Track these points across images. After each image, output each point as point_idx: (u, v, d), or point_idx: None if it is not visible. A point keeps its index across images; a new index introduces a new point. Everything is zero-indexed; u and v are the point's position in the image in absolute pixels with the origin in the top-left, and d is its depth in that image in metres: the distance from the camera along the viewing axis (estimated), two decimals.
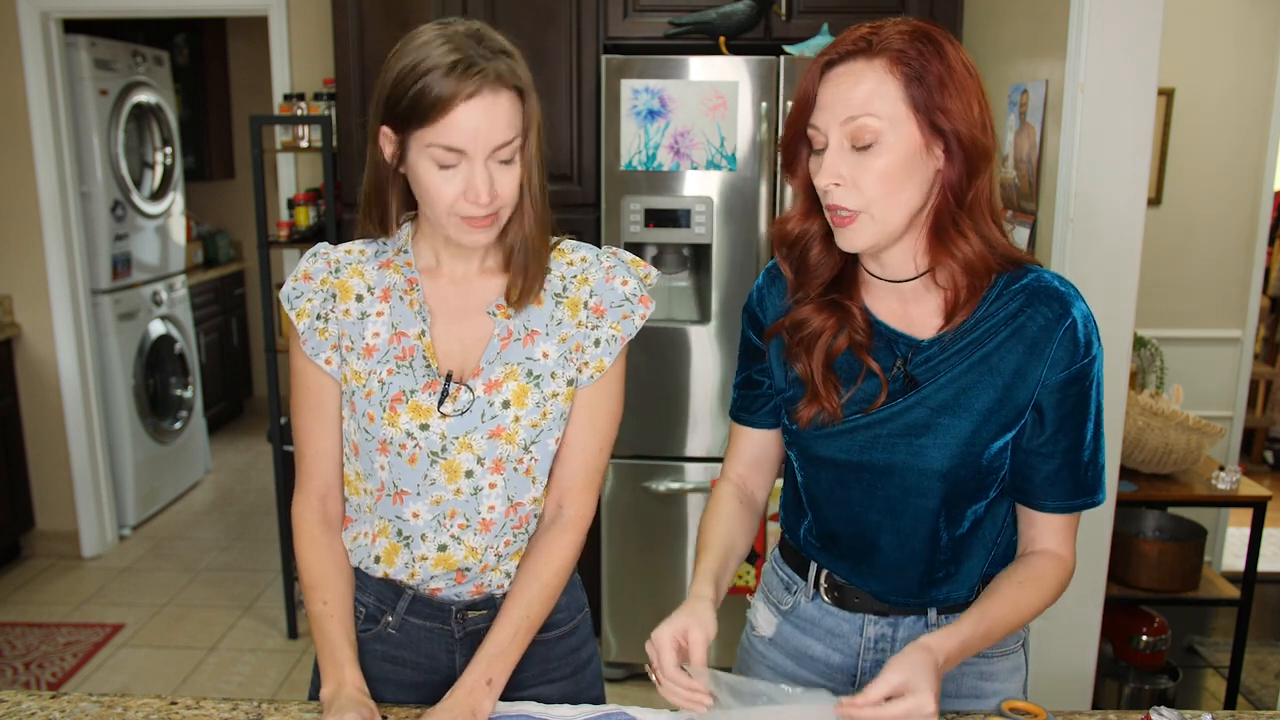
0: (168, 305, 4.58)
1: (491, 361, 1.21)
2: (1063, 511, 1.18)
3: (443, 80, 1.08)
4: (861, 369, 1.18)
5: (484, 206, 1.13)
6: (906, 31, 1.08)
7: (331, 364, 1.23)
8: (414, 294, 1.22)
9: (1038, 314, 1.13)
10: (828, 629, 1.29)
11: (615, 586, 2.98)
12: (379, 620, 1.29)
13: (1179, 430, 2.55)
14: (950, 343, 1.15)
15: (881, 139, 1.07)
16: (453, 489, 1.21)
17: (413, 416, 1.19)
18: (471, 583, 1.26)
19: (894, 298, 1.19)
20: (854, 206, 1.10)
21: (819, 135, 1.11)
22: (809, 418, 1.20)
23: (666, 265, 2.93)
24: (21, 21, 3.61)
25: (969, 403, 1.14)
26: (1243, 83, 3.54)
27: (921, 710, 1.01)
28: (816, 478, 1.24)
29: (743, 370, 1.32)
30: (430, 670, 1.30)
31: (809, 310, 1.20)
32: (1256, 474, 4.74)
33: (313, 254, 1.26)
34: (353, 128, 3.00)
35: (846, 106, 1.08)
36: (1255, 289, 3.69)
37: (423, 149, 1.11)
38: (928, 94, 1.06)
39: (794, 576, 1.32)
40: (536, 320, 1.23)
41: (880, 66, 1.07)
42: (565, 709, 1.22)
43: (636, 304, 1.24)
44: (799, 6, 2.91)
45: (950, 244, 1.12)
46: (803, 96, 1.13)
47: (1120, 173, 2.08)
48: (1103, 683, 2.54)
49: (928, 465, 1.16)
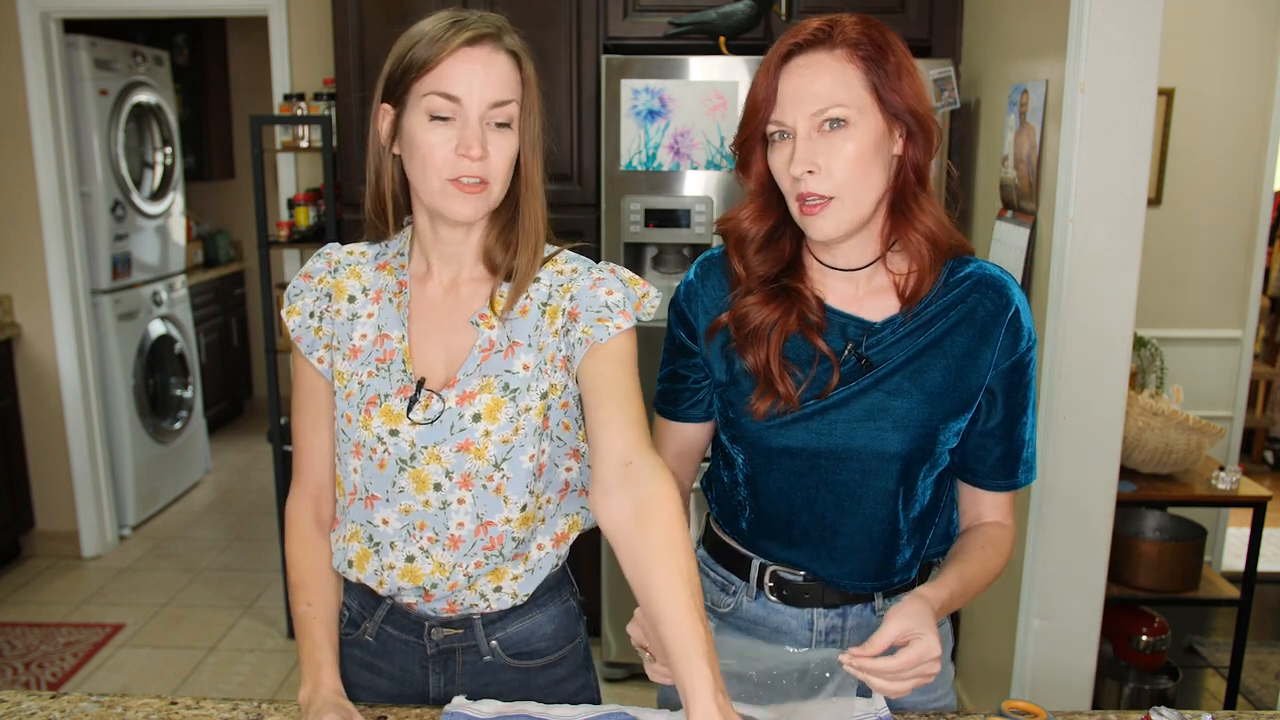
0: (168, 305, 4.58)
1: (469, 374, 1.17)
2: (1008, 490, 1.24)
3: (440, 35, 1.12)
4: (814, 355, 1.19)
5: (475, 161, 1.11)
6: (859, 22, 1.13)
7: (324, 363, 1.22)
8: (401, 297, 1.21)
9: (985, 299, 1.18)
10: (774, 627, 1.28)
11: (615, 586, 2.98)
12: (359, 626, 1.27)
13: (1179, 430, 2.55)
14: (902, 325, 1.18)
15: (850, 125, 1.11)
16: (421, 500, 1.18)
17: (384, 421, 1.17)
18: (443, 600, 1.22)
19: (846, 286, 1.22)
20: (826, 192, 1.12)
21: (782, 128, 1.13)
22: (765, 410, 1.19)
23: (666, 265, 2.92)
24: (21, 21, 3.61)
25: (923, 383, 1.17)
26: (1243, 83, 3.54)
27: (930, 652, 1.04)
28: (768, 468, 1.23)
29: (666, 365, 1.31)
30: (404, 683, 1.27)
31: (754, 302, 1.20)
32: (1256, 474, 4.74)
33: (318, 254, 1.26)
34: (353, 127, 3.00)
35: (814, 97, 1.11)
36: (1255, 289, 3.69)
37: (418, 102, 1.12)
38: (886, 80, 1.12)
39: (730, 577, 1.31)
40: (519, 331, 1.19)
41: (841, 56, 1.11)
42: (565, 709, 1.19)
43: (616, 314, 1.17)
44: (799, 6, 2.91)
45: (914, 219, 1.17)
46: (761, 93, 1.14)
47: (1120, 173, 2.08)
48: (1103, 683, 2.54)
49: (886, 448, 1.18)
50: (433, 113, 1.11)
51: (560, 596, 1.30)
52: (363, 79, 2.97)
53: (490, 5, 2.90)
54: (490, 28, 1.13)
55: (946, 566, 1.19)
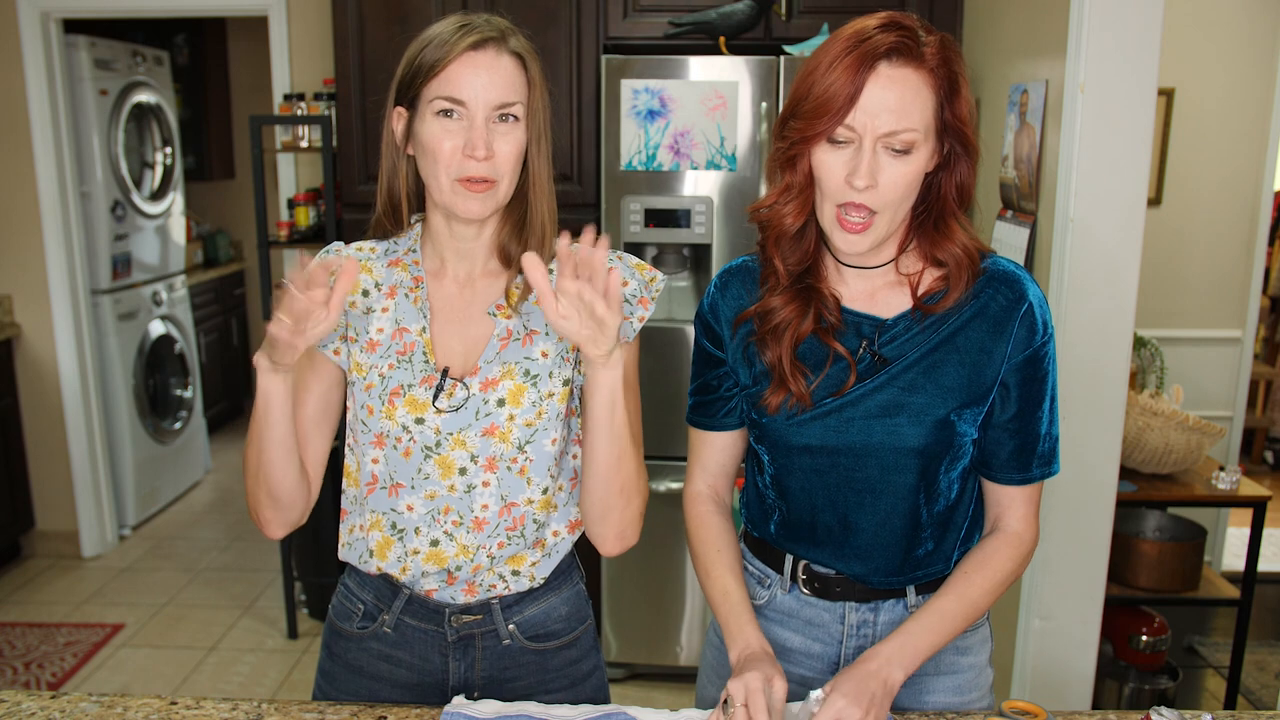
0: (168, 305, 4.58)
1: (490, 361, 1.22)
2: (1024, 483, 1.23)
3: (447, 40, 1.16)
4: (829, 354, 1.20)
5: (481, 161, 1.14)
6: (937, 42, 1.12)
7: (340, 354, 1.25)
8: (418, 291, 1.24)
9: (998, 294, 1.19)
10: (806, 620, 1.30)
11: (615, 586, 2.98)
12: (376, 619, 1.29)
13: (1179, 430, 2.55)
14: (916, 322, 1.19)
15: (915, 148, 1.10)
16: (446, 485, 1.22)
17: (409, 410, 1.20)
18: (464, 583, 1.26)
19: (862, 283, 1.22)
20: (875, 207, 1.12)
21: (849, 133, 1.10)
22: (778, 404, 1.21)
23: (666, 265, 2.93)
24: (21, 21, 3.61)
25: (938, 379, 1.18)
26: (1243, 83, 3.54)
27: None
28: (790, 467, 1.25)
29: (697, 377, 1.33)
30: (424, 672, 1.30)
31: (779, 299, 1.22)
32: (1256, 474, 4.75)
33: (325, 251, 1.29)
34: (353, 127, 3.00)
35: (894, 115, 1.08)
36: (1255, 289, 3.69)
37: (427, 105, 1.16)
38: (952, 109, 1.12)
39: (766, 570, 1.33)
40: (536, 320, 1.24)
41: (925, 78, 1.10)
42: (565, 709, 1.22)
43: (635, 305, 1.24)
44: (799, 6, 2.91)
45: (954, 236, 1.18)
46: (842, 91, 1.08)
47: (1120, 173, 2.08)
48: (1103, 683, 2.55)
49: (903, 443, 1.19)
50: (441, 115, 1.15)
51: (571, 580, 1.35)
52: (363, 79, 2.97)
53: (491, 6, 2.90)
54: (495, 31, 1.17)
55: (925, 606, 1.21)
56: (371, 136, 2.97)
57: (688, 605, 2.98)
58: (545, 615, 1.31)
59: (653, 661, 3.05)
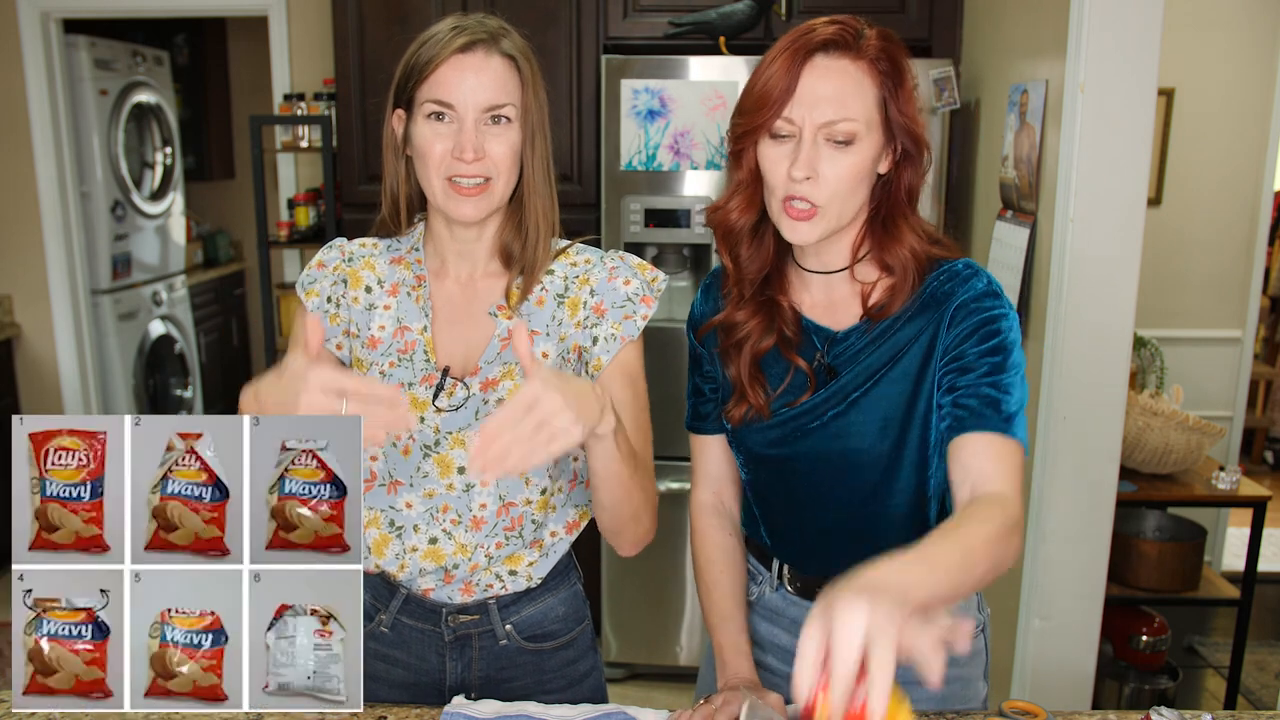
0: (168, 305, 4.58)
1: (490, 361, 1.22)
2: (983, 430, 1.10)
3: (438, 42, 1.16)
4: (790, 366, 1.21)
5: (470, 165, 1.14)
6: (881, 36, 1.12)
7: (342, 349, 1.26)
8: (420, 290, 1.24)
9: (942, 286, 1.17)
10: (793, 619, 1.30)
11: (615, 587, 2.98)
12: (373, 618, 1.30)
13: (1179, 430, 2.55)
14: (866, 333, 1.19)
15: (857, 140, 1.10)
16: (445, 483, 1.22)
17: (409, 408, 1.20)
18: (461, 583, 1.26)
19: (821, 289, 1.22)
20: (817, 201, 1.11)
21: (789, 126, 1.11)
22: (740, 415, 1.23)
23: (666, 265, 2.93)
24: (21, 21, 3.62)
25: (889, 380, 1.17)
26: (1243, 83, 3.54)
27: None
28: (758, 475, 1.27)
29: (690, 380, 1.33)
30: (421, 672, 1.30)
31: (743, 313, 1.22)
32: (1256, 474, 4.74)
33: (329, 245, 1.30)
34: (353, 127, 3.00)
35: (830, 104, 1.09)
36: (1255, 289, 3.69)
37: (419, 108, 1.16)
38: (895, 100, 1.11)
39: (759, 566, 1.34)
40: (537, 321, 1.24)
41: (864, 69, 1.10)
42: (565, 709, 1.22)
43: (639, 304, 1.24)
44: (799, 6, 2.91)
45: (903, 238, 1.16)
46: (778, 84, 1.10)
47: (1120, 173, 2.08)
48: (1103, 683, 2.54)
49: (854, 446, 1.18)
50: (431, 118, 1.16)
51: (569, 580, 1.34)
52: (363, 79, 2.97)
53: (490, 6, 2.90)
54: (484, 33, 1.16)
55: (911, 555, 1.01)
56: (372, 137, 2.97)
57: (688, 605, 2.98)
58: (542, 615, 1.31)
59: (652, 661, 3.05)
